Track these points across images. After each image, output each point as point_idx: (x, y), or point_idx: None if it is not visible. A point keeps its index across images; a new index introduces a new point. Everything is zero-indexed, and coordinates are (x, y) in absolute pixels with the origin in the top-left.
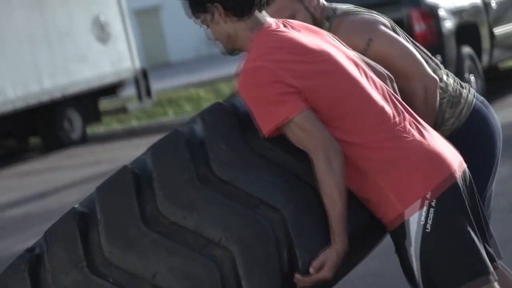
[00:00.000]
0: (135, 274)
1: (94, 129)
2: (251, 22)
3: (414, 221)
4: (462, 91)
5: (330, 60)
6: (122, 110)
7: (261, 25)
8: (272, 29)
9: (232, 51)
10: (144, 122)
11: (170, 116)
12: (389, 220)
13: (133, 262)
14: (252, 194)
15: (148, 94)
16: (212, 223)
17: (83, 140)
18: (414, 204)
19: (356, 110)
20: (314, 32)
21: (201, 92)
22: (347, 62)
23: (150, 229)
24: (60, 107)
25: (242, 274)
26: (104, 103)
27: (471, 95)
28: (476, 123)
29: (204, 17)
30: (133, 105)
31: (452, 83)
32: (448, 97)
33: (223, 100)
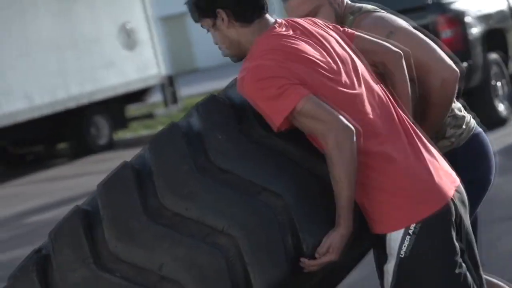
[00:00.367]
0: (142, 267)
1: (121, 135)
2: (253, 28)
3: (394, 239)
4: (465, 115)
5: (327, 67)
6: (149, 116)
7: (264, 29)
8: (273, 33)
9: (236, 56)
10: None
11: None
12: (370, 225)
13: (138, 255)
14: (253, 181)
15: (175, 100)
16: (214, 211)
17: (110, 146)
18: (397, 228)
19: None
20: (321, 33)
21: None
22: (348, 70)
23: (153, 221)
24: (87, 113)
25: (247, 261)
26: (131, 109)
27: (473, 122)
28: (474, 147)
29: (207, 22)
30: (159, 111)
31: (459, 106)
32: (452, 117)
33: (217, 93)
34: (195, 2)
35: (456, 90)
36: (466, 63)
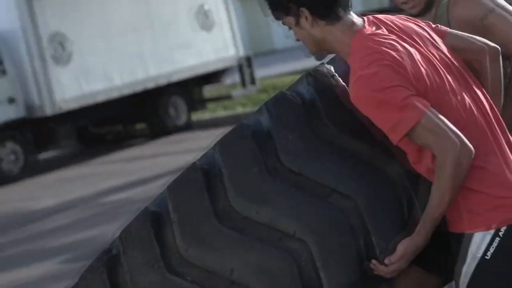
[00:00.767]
0: (213, 271)
1: (199, 115)
2: (340, 25)
3: (478, 240)
4: None
5: (430, 71)
6: (227, 97)
7: (352, 27)
8: (370, 32)
9: (317, 53)
10: (249, 109)
11: None
12: (450, 223)
13: (209, 259)
14: (323, 183)
15: (252, 81)
16: (285, 215)
17: (188, 126)
18: (481, 228)
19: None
20: (417, 31)
21: None
22: (444, 67)
23: (224, 225)
24: (166, 94)
25: (319, 265)
26: (209, 90)
27: None
28: None
29: (288, 20)
30: (237, 92)
31: None
32: None
33: (286, 89)
34: (276, 2)
35: None
36: None
